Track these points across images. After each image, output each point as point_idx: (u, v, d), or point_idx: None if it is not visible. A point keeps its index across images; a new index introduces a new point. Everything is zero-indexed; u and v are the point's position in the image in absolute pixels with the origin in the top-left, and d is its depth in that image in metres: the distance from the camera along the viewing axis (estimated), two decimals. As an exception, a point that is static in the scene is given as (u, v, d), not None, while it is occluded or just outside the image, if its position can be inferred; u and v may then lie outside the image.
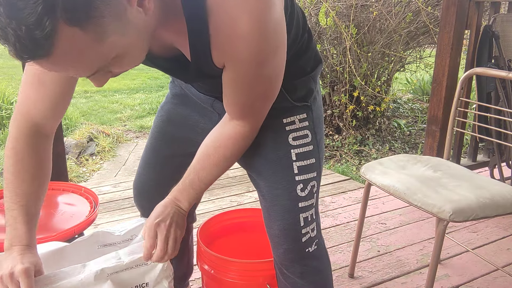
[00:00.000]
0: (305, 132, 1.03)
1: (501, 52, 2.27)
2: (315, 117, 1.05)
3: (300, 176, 1.01)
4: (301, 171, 1.01)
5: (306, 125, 1.03)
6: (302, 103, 1.03)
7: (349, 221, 2.28)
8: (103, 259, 0.92)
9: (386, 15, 3.63)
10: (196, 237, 1.36)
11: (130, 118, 5.42)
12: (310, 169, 1.02)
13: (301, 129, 1.02)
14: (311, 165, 1.02)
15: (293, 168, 1.01)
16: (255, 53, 0.78)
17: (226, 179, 2.83)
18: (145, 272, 0.94)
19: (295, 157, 1.01)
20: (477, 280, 1.78)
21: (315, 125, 1.05)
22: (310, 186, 1.02)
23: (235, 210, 1.58)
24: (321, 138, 1.08)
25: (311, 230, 1.03)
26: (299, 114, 1.03)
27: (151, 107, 5.83)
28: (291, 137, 1.02)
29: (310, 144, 1.03)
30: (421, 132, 4.26)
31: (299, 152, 1.01)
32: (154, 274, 0.95)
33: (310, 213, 1.02)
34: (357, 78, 3.63)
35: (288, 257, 1.03)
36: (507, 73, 1.67)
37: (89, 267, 0.89)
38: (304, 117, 1.03)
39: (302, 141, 1.02)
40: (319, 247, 1.06)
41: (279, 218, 1.01)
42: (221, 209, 2.41)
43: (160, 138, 1.24)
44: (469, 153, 2.74)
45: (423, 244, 2.05)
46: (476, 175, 1.61)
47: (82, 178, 3.60)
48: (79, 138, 4.23)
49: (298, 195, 1.01)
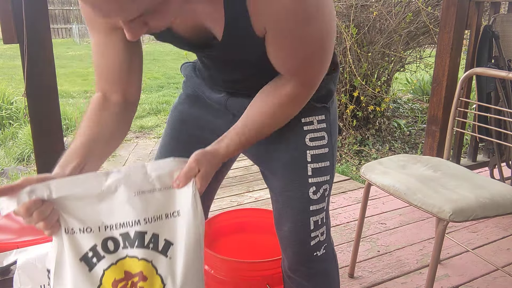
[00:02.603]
0: (322, 134, 1.01)
1: (501, 52, 2.27)
2: (332, 120, 1.04)
3: (313, 178, 0.99)
4: (315, 173, 0.99)
5: (323, 127, 1.01)
6: (321, 104, 1.01)
7: (349, 221, 2.28)
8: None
9: (386, 15, 3.63)
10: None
11: (130, 118, 5.42)
12: (324, 172, 1.01)
13: (319, 131, 1.01)
14: (325, 168, 1.01)
15: (307, 169, 0.99)
16: (295, 12, 0.75)
17: (226, 179, 2.83)
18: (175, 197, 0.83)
19: (310, 159, 0.99)
20: (477, 280, 1.78)
21: (332, 127, 1.04)
22: (322, 189, 1.01)
23: (235, 210, 1.57)
24: (336, 142, 1.06)
25: (321, 234, 1.02)
26: (318, 115, 1.01)
27: (151, 107, 5.83)
28: (308, 138, 1.00)
29: (326, 147, 1.01)
30: (421, 132, 4.26)
31: (314, 153, 1.00)
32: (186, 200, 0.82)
33: (320, 216, 1.01)
34: (357, 78, 3.63)
35: (295, 259, 1.03)
36: (507, 73, 1.67)
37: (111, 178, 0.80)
38: (322, 118, 1.01)
39: (319, 143, 1.00)
40: (327, 251, 1.05)
41: (289, 220, 1.00)
42: (221, 209, 2.41)
43: (174, 137, 1.20)
44: (469, 153, 2.74)
45: (423, 244, 2.05)
46: (476, 175, 1.61)
47: (82, 178, 3.60)
48: (79, 138, 4.23)
49: (310, 198, 0.99)
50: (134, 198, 0.79)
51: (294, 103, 0.91)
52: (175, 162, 0.83)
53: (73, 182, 0.78)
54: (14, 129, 4.34)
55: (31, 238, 1.17)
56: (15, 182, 0.75)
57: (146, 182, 0.80)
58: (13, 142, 4.13)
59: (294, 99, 0.90)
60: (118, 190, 0.79)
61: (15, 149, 3.96)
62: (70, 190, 0.77)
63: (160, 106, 5.89)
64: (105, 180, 0.79)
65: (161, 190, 0.81)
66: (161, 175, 0.81)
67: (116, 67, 0.92)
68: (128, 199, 0.79)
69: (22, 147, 3.94)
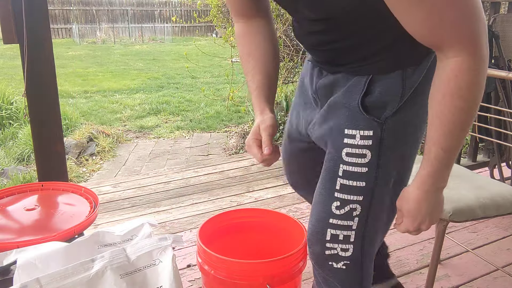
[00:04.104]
0: (363, 152, 0.89)
1: (501, 52, 2.27)
2: (386, 138, 0.89)
3: (340, 194, 0.92)
4: (343, 189, 0.92)
5: (367, 145, 0.89)
6: (371, 116, 0.89)
7: (349, 221, 2.28)
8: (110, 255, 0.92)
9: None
10: (196, 237, 1.35)
11: (130, 118, 5.42)
12: (354, 191, 0.91)
13: (360, 147, 0.89)
14: (357, 188, 0.91)
15: (336, 182, 0.92)
16: None
17: (226, 179, 2.83)
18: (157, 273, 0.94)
19: (341, 173, 0.91)
20: (477, 280, 1.78)
21: (384, 147, 0.90)
22: (349, 208, 0.93)
23: (235, 210, 1.57)
24: (388, 164, 0.91)
25: (341, 250, 0.96)
26: (363, 130, 0.89)
27: (151, 107, 5.83)
28: (345, 151, 0.91)
29: (365, 166, 0.90)
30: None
31: (347, 169, 0.91)
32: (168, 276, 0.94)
33: (343, 233, 0.94)
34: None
35: (312, 257, 1.03)
36: (507, 73, 1.67)
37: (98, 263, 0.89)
38: (368, 135, 0.89)
39: (356, 160, 0.90)
40: (348, 269, 0.99)
41: (311, 221, 1.00)
42: (221, 209, 2.41)
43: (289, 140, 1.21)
44: (469, 153, 2.74)
45: (423, 244, 2.05)
46: (476, 175, 1.60)
47: (82, 178, 3.60)
48: (79, 138, 4.23)
49: (332, 211, 0.94)
50: (120, 280, 0.88)
51: (468, 75, 0.73)
52: (152, 241, 0.95)
53: (63, 274, 0.86)
54: (14, 129, 4.34)
55: (31, 238, 1.17)
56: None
57: (129, 264, 0.90)
58: (13, 142, 4.13)
59: (461, 73, 0.72)
60: (105, 274, 0.87)
61: (15, 149, 3.96)
62: (61, 282, 0.84)
63: (160, 106, 5.89)
64: (91, 267, 0.87)
65: (144, 269, 0.91)
66: (140, 256, 0.92)
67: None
68: (115, 282, 0.87)
69: (22, 147, 3.94)
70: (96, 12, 14.07)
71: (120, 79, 7.66)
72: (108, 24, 13.95)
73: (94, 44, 12.63)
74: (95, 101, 6.13)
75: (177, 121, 5.33)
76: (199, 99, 6.27)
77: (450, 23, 0.70)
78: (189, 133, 4.89)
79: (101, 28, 13.73)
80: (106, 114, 5.50)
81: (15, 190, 1.45)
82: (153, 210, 2.44)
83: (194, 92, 6.70)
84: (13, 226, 1.28)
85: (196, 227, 2.11)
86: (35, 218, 1.30)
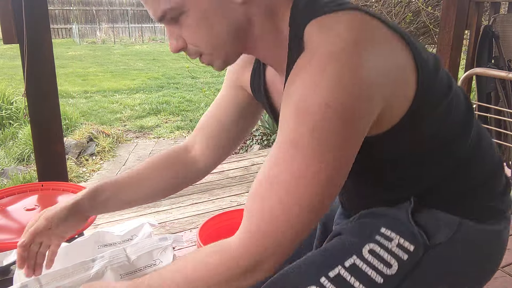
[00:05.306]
0: (390, 261, 0.70)
1: (501, 52, 2.27)
2: (427, 265, 0.71)
3: (328, 283, 0.70)
4: (335, 281, 0.70)
5: (400, 257, 0.70)
6: (420, 230, 0.72)
7: (349, 221, 2.28)
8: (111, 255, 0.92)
9: (386, 15, 3.63)
10: (196, 237, 1.35)
11: (130, 118, 5.43)
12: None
13: (390, 253, 0.70)
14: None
15: (333, 269, 0.71)
16: (296, 102, 0.59)
17: (226, 179, 2.83)
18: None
19: (348, 265, 0.71)
20: (477, 280, 1.78)
21: (418, 274, 0.71)
22: None
23: (235, 210, 1.58)
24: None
25: None
26: (404, 239, 0.71)
27: (151, 107, 5.83)
28: (370, 247, 0.71)
29: (383, 277, 0.69)
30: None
31: (359, 266, 0.70)
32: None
33: None
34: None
35: None
36: (507, 73, 1.67)
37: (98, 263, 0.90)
38: (407, 247, 0.71)
39: (378, 265, 0.70)
40: None
41: (274, 277, 0.74)
42: (221, 209, 2.41)
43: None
44: (469, 153, 2.74)
45: (423, 244, 2.05)
46: (476, 175, 1.60)
47: (82, 178, 3.60)
48: (79, 138, 4.23)
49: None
50: (120, 280, 0.88)
51: (227, 262, 0.63)
52: (152, 241, 0.94)
53: (63, 274, 0.85)
54: (14, 129, 4.34)
55: (31, 238, 1.18)
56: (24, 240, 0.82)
57: (129, 264, 0.90)
58: (13, 142, 4.13)
59: (224, 254, 0.64)
60: (105, 274, 0.87)
61: (15, 149, 3.96)
62: (61, 282, 0.84)
63: (160, 106, 5.89)
64: (92, 266, 0.87)
65: (144, 269, 0.91)
66: (141, 256, 0.92)
67: (222, 119, 0.96)
68: (115, 282, 0.87)
69: (22, 147, 3.94)
70: (96, 12, 14.08)
71: (120, 79, 7.66)
72: (108, 24, 13.96)
73: (94, 44, 12.63)
74: (95, 101, 6.13)
75: (177, 121, 5.33)
76: (199, 99, 6.27)
77: (263, 210, 0.61)
78: (189, 133, 4.89)
79: (101, 28, 13.74)
80: (106, 114, 5.51)
81: (15, 190, 1.45)
82: (153, 210, 2.44)
83: (194, 92, 6.71)
84: (13, 226, 1.28)
85: (196, 227, 2.11)
86: (35, 218, 1.30)
